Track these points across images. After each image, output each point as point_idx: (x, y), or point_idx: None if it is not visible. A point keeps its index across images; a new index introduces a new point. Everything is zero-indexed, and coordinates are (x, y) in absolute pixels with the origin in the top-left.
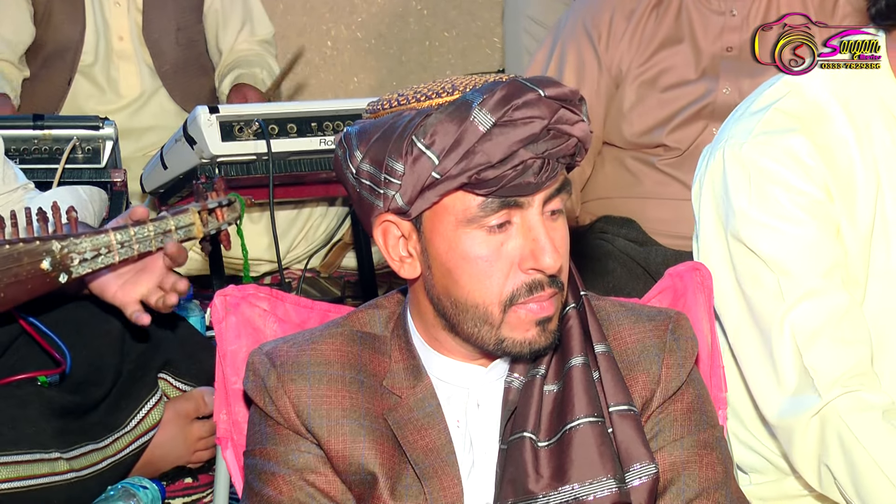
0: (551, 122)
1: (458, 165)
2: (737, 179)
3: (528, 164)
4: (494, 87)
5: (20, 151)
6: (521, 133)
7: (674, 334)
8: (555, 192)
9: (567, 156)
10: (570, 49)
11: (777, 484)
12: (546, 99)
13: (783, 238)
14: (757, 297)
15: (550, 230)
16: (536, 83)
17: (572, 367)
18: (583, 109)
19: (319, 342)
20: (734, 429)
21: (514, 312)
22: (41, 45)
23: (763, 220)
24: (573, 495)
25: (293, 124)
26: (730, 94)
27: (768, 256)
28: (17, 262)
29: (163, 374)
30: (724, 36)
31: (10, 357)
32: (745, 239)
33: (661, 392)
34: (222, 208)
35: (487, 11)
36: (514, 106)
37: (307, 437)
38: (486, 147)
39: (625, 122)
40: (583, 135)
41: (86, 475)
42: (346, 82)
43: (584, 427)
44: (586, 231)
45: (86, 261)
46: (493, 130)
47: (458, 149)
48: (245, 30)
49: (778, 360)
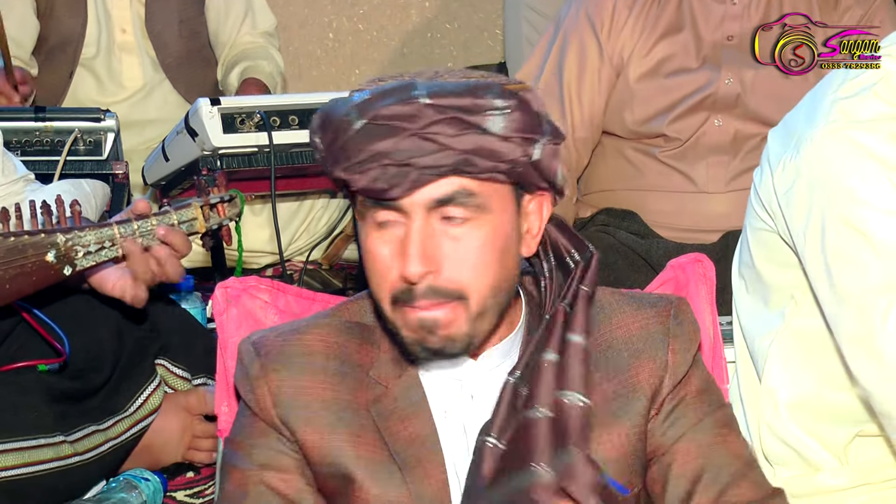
0: (421, 131)
1: (331, 159)
2: (846, 162)
3: (381, 170)
4: (382, 89)
5: (22, 143)
6: (382, 138)
7: (676, 319)
8: (446, 200)
9: (438, 167)
10: (572, 37)
11: (806, 479)
12: (426, 106)
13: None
14: (856, 279)
15: (443, 238)
16: (430, 90)
17: (542, 361)
18: (491, 119)
19: (306, 332)
20: (769, 418)
21: (400, 311)
22: (43, 37)
23: (877, 204)
24: (515, 487)
25: (295, 116)
26: (732, 84)
27: (879, 241)
28: (23, 255)
29: (160, 360)
30: (725, 24)
31: (10, 345)
32: (854, 220)
33: (669, 378)
34: (224, 204)
35: (489, 3)
36: (383, 107)
37: (281, 429)
38: (351, 146)
39: (627, 110)
40: (472, 147)
41: (88, 459)
42: (348, 74)
43: (536, 419)
44: (587, 223)
45: (90, 254)
46: (360, 130)
47: (333, 143)
48: (247, 21)
49: (880, 345)
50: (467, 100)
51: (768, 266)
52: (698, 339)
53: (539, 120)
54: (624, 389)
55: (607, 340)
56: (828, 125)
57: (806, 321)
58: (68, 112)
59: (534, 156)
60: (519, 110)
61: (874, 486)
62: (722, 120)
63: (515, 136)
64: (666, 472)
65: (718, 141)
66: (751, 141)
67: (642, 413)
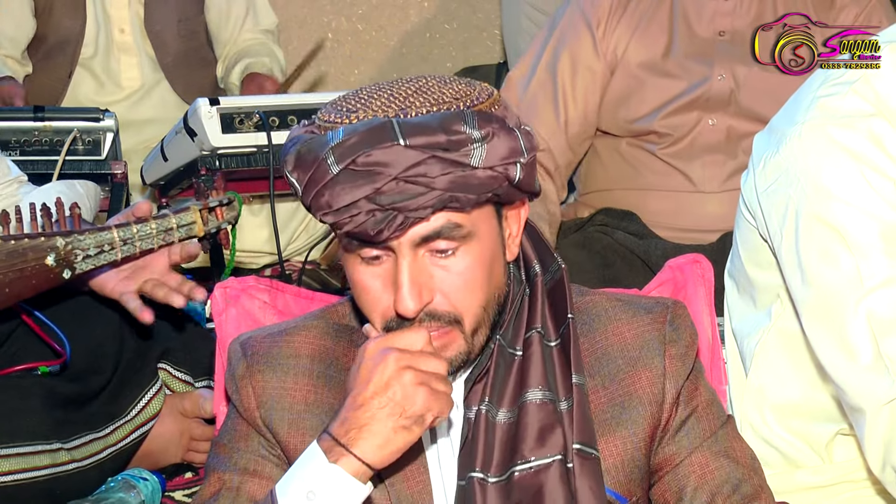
0: (401, 175)
1: (312, 202)
2: (822, 158)
3: (366, 215)
4: (358, 131)
5: (21, 143)
6: (364, 184)
7: (672, 324)
8: (433, 236)
9: (423, 208)
10: (567, 34)
11: (786, 477)
12: (406, 148)
13: (869, 220)
14: (828, 275)
15: (434, 268)
16: (407, 130)
17: (527, 403)
18: (472, 153)
19: (294, 334)
20: (752, 419)
21: None
22: (42, 38)
23: (851, 200)
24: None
25: (294, 116)
26: (725, 80)
27: (852, 237)
28: (22, 258)
29: (162, 364)
30: (716, 20)
31: (10, 347)
32: (828, 217)
33: (670, 384)
34: (222, 207)
35: (488, 3)
36: (360, 154)
37: (263, 431)
38: (332, 191)
39: (621, 106)
40: (455, 184)
41: (87, 465)
42: (347, 74)
43: (537, 469)
44: (586, 223)
45: (89, 257)
46: (339, 177)
47: (312, 187)
48: (249, 20)
49: (852, 340)
50: (442, 137)
51: (754, 266)
52: (696, 344)
53: (517, 137)
54: (620, 398)
55: (602, 348)
56: (807, 122)
57: (792, 321)
58: (67, 112)
59: (516, 177)
60: (497, 135)
61: (854, 484)
62: (716, 119)
63: (498, 164)
64: (682, 484)
65: (713, 140)
66: (745, 140)
67: (642, 422)
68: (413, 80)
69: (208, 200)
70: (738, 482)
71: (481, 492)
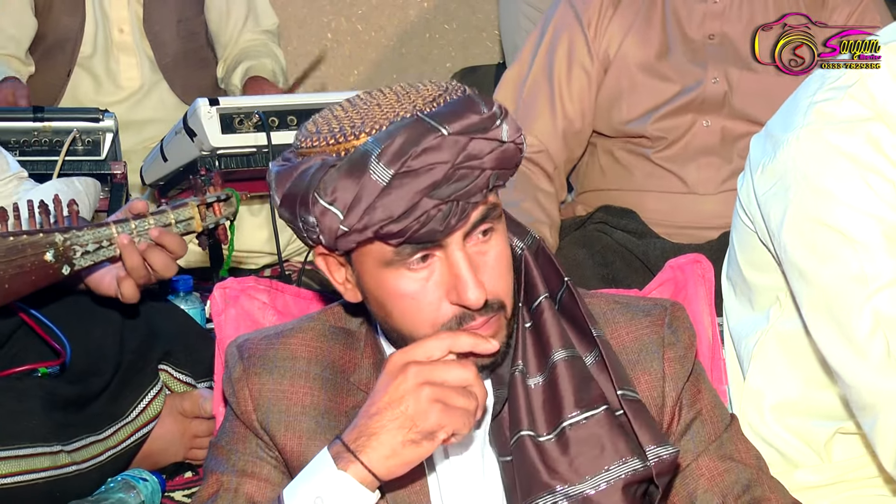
0: (456, 163)
1: (362, 221)
2: (821, 163)
3: (431, 213)
4: (394, 134)
5: (20, 143)
6: (422, 182)
7: (671, 327)
8: (479, 221)
9: (480, 191)
10: (560, 34)
11: (784, 476)
12: (451, 136)
13: (872, 222)
14: (832, 276)
15: (477, 257)
16: (441, 119)
17: (556, 363)
18: (502, 128)
19: (290, 336)
20: (750, 418)
21: None
22: (41, 36)
23: (852, 203)
24: (593, 486)
25: (293, 116)
26: (718, 83)
27: (855, 238)
28: (21, 254)
29: (163, 366)
30: (706, 23)
31: (10, 348)
32: (830, 219)
33: (670, 387)
34: (220, 203)
35: (488, 3)
36: (412, 155)
37: (260, 434)
38: (387, 202)
39: (614, 108)
40: (498, 162)
41: (87, 468)
42: (347, 74)
43: (585, 422)
44: (585, 221)
45: (88, 253)
46: (392, 183)
47: (359, 205)
48: (249, 20)
49: (860, 339)
50: (474, 117)
51: (752, 269)
52: (695, 346)
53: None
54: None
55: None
56: (804, 127)
57: (790, 323)
58: (67, 112)
59: (524, 148)
60: (502, 110)
61: (851, 484)
62: (710, 120)
63: (517, 136)
64: (692, 488)
65: (707, 142)
66: (740, 142)
67: None
68: (387, 90)
69: (206, 196)
70: (748, 484)
71: (537, 450)
